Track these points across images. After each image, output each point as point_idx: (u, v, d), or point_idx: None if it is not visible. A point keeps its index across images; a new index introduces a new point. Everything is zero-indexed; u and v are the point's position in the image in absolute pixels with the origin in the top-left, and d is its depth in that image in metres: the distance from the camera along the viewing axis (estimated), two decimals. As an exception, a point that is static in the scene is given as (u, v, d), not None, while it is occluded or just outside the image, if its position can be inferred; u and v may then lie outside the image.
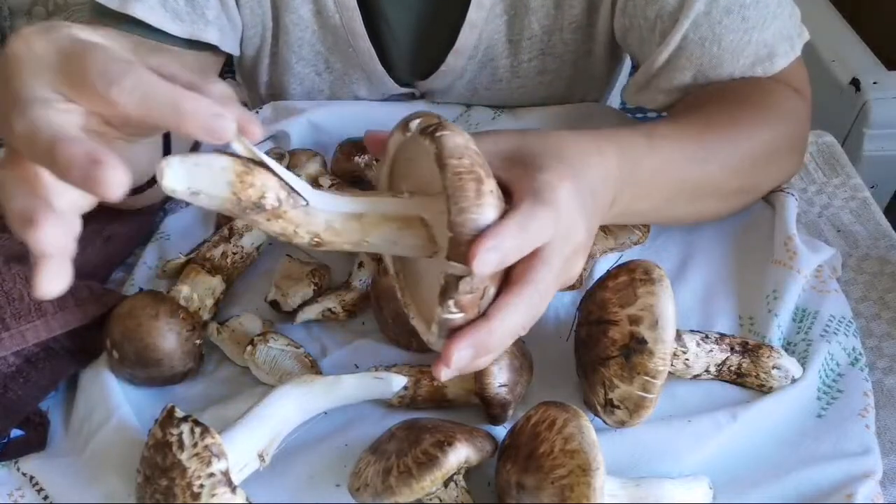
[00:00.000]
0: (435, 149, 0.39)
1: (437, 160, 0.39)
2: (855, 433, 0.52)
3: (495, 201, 0.40)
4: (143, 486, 0.44)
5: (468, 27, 0.75)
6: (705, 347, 0.53)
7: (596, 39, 0.76)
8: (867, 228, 0.69)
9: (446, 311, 0.40)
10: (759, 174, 0.64)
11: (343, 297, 0.61)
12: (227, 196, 0.37)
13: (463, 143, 0.40)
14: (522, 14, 0.74)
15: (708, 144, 0.58)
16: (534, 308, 0.42)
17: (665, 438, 0.51)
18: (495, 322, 0.41)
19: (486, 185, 0.40)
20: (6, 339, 0.52)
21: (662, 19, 0.65)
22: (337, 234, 0.41)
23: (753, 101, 0.63)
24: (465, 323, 0.41)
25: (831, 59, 1.41)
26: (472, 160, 0.40)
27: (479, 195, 0.39)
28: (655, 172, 0.54)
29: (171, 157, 0.36)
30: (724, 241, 0.66)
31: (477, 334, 0.41)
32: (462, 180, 0.39)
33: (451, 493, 0.46)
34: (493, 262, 0.39)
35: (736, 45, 0.63)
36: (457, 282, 0.39)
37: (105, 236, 0.66)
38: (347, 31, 0.76)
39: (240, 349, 0.57)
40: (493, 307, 0.41)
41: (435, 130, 0.40)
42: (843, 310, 0.59)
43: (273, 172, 0.39)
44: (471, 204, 0.39)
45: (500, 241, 0.39)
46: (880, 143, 1.35)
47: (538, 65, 0.78)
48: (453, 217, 0.39)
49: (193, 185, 0.37)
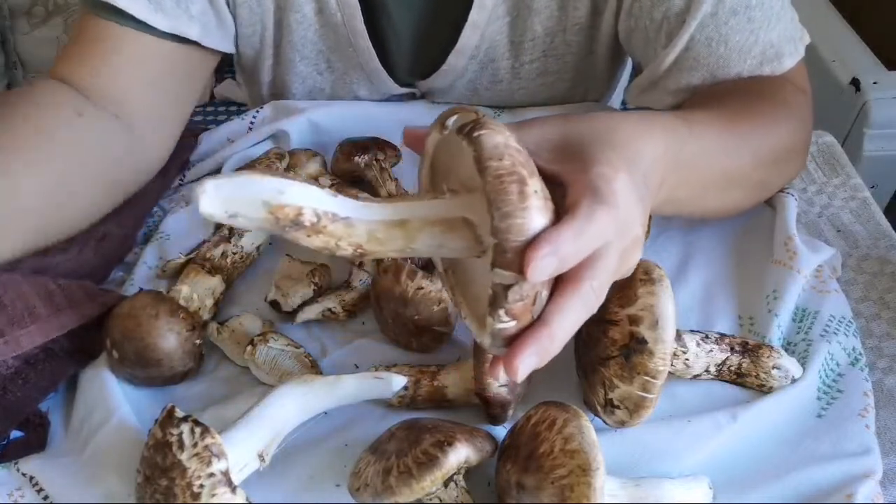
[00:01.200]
0: (473, 150, 0.38)
1: (477, 162, 0.37)
2: (855, 433, 0.52)
3: (540, 203, 0.38)
4: (143, 486, 0.44)
5: (470, 27, 0.75)
6: (705, 347, 0.53)
7: (599, 41, 0.76)
8: (867, 228, 0.69)
9: (498, 321, 0.38)
10: (780, 167, 0.64)
11: (343, 297, 0.61)
12: (265, 216, 0.37)
13: (503, 141, 0.38)
14: (525, 15, 0.74)
15: (740, 134, 0.58)
16: (590, 306, 0.40)
17: (665, 438, 0.51)
18: (555, 326, 0.39)
19: (530, 187, 0.37)
20: (1, 346, 0.52)
21: (669, 20, 0.65)
22: (380, 243, 0.40)
23: (771, 97, 0.63)
24: (520, 330, 0.39)
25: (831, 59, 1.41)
26: (513, 160, 0.37)
27: (523, 198, 0.37)
28: (695, 158, 0.53)
29: (206, 182, 0.37)
30: (724, 242, 0.66)
31: (539, 342, 0.39)
32: (503, 183, 0.37)
33: (451, 493, 0.46)
34: (549, 270, 0.37)
35: (742, 45, 0.63)
36: (505, 291, 0.37)
37: (99, 237, 0.66)
38: (348, 29, 0.76)
39: (240, 349, 0.57)
40: (550, 311, 0.39)
41: (473, 129, 0.38)
42: (843, 310, 0.59)
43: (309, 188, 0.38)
44: (515, 208, 0.37)
45: (557, 246, 0.37)
46: (880, 143, 1.34)
47: (540, 66, 0.78)
48: (497, 223, 0.37)
49: (230, 209, 0.37)
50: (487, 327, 0.39)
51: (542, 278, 0.37)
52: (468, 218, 0.41)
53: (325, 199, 0.39)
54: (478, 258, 0.42)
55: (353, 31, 0.76)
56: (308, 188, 0.38)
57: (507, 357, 0.39)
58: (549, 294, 0.39)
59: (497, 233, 0.37)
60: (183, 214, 0.71)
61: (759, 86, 0.64)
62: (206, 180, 0.37)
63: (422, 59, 0.79)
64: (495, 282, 0.37)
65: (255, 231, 0.63)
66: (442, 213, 0.41)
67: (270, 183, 0.37)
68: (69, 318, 0.55)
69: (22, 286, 0.55)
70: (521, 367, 0.39)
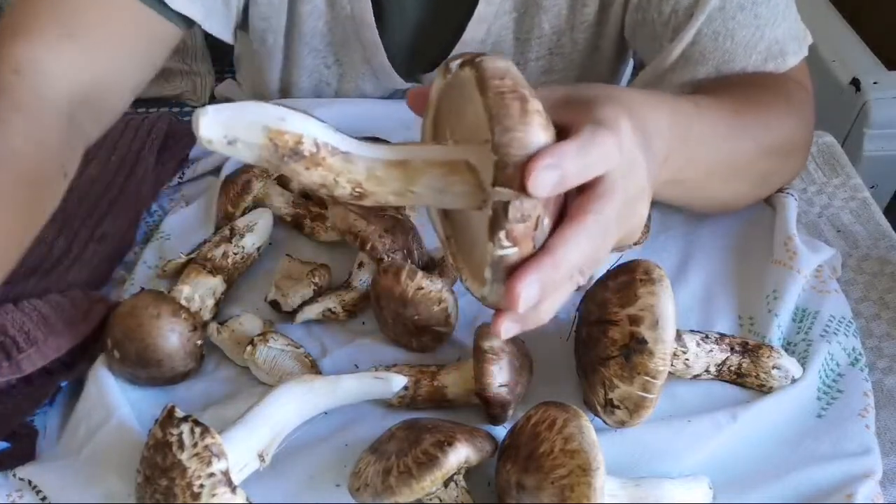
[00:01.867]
0: (475, 73, 0.37)
1: (478, 83, 0.37)
2: (855, 433, 0.52)
3: (543, 121, 0.37)
4: (143, 486, 0.44)
5: (476, 21, 0.75)
6: (705, 347, 0.53)
7: (605, 37, 0.76)
8: (867, 228, 0.69)
9: (498, 245, 0.36)
10: (782, 161, 0.64)
11: (343, 297, 0.61)
12: (264, 143, 0.37)
13: (504, 65, 0.37)
14: (533, 12, 0.74)
15: (745, 121, 0.58)
16: (596, 244, 0.38)
17: (665, 438, 0.51)
18: (559, 254, 0.37)
19: (532, 105, 0.36)
20: (4, 368, 0.53)
21: (677, 14, 0.65)
22: (380, 182, 0.39)
23: (774, 91, 0.63)
24: (522, 260, 0.37)
25: (831, 59, 1.41)
26: (514, 81, 0.37)
27: (525, 114, 0.36)
28: (702, 139, 0.52)
29: (207, 107, 0.36)
30: (724, 241, 0.66)
31: (541, 268, 0.37)
32: (505, 99, 0.36)
33: (451, 493, 0.46)
34: (550, 183, 0.35)
35: (748, 40, 0.64)
36: (505, 209, 0.36)
37: (97, 237, 0.66)
38: (357, 22, 0.76)
39: (240, 349, 0.57)
40: (553, 240, 0.37)
41: (475, 59, 0.38)
42: (843, 310, 0.59)
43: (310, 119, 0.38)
44: (516, 123, 0.36)
45: (559, 159, 0.35)
46: (880, 143, 1.35)
47: (545, 64, 0.79)
48: (497, 138, 0.36)
49: (230, 134, 0.37)
50: (487, 257, 0.37)
51: (544, 193, 0.35)
52: (471, 162, 0.40)
53: (326, 132, 0.38)
54: (479, 210, 0.41)
55: (361, 24, 0.76)
56: (310, 119, 0.38)
57: (509, 286, 0.37)
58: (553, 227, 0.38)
59: (498, 147, 0.36)
60: (183, 214, 0.71)
61: (762, 81, 0.65)
62: (208, 106, 0.37)
63: (427, 53, 0.79)
64: (495, 200, 0.36)
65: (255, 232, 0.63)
66: (445, 155, 0.40)
67: (272, 109, 0.37)
68: (65, 340, 0.56)
69: (15, 314, 0.55)
70: (523, 295, 0.36)
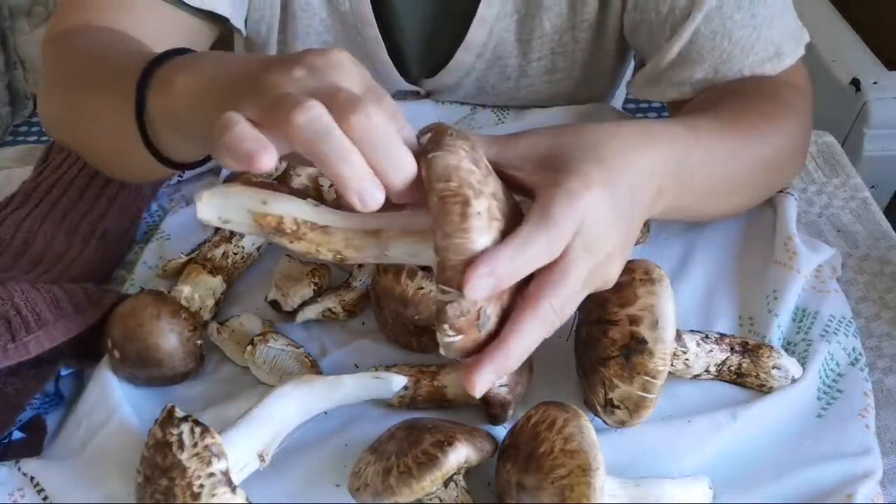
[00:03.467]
0: (425, 171, 0.40)
1: (426, 183, 0.39)
2: (855, 433, 0.52)
3: (483, 224, 0.39)
4: (143, 486, 0.44)
5: (478, 22, 0.75)
6: (705, 347, 0.53)
7: (607, 35, 0.76)
8: (867, 228, 0.69)
9: (444, 334, 0.40)
10: (782, 169, 0.65)
11: (343, 297, 0.61)
12: (251, 223, 0.42)
13: (454, 163, 0.39)
14: (534, 13, 0.74)
15: (744, 138, 0.58)
16: (550, 325, 0.42)
17: (665, 438, 0.51)
18: (511, 345, 0.41)
19: (473, 208, 0.39)
20: (11, 350, 0.53)
21: (675, 13, 0.65)
22: (357, 248, 0.43)
23: (773, 97, 0.63)
24: (473, 344, 0.41)
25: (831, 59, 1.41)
26: (460, 181, 0.39)
27: (464, 219, 0.39)
28: (700, 165, 0.53)
29: (204, 192, 0.42)
30: (724, 241, 0.66)
31: (495, 361, 0.41)
32: (446, 204, 0.39)
33: (451, 493, 0.46)
34: (486, 288, 0.38)
35: (746, 40, 0.64)
36: (445, 307, 0.39)
37: (98, 235, 0.66)
38: (356, 17, 0.76)
39: (240, 349, 0.57)
40: (508, 331, 0.41)
41: (430, 150, 0.40)
42: (843, 310, 0.59)
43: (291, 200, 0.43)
44: (455, 228, 0.39)
45: (492, 266, 0.38)
46: (880, 143, 1.35)
47: (548, 64, 0.78)
48: (438, 241, 0.39)
49: (223, 216, 0.42)
50: (438, 339, 0.41)
51: (481, 296, 0.39)
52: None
53: (304, 209, 0.43)
54: None
55: (360, 20, 0.76)
56: (290, 200, 0.43)
57: (466, 375, 0.41)
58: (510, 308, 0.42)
59: (438, 251, 0.39)
60: (183, 214, 0.71)
61: (760, 85, 0.64)
62: (203, 191, 0.42)
63: (429, 54, 0.79)
64: (438, 298, 0.40)
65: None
66: (415, 224, 0.43)
67: (255, 194, 0.42)
68: (74, 324, 0.55)
69: (31, 293, 0.55)
70: (479, 385, 0.41)
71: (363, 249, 0.44)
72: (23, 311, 0.54)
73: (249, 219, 0.42)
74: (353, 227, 0.43)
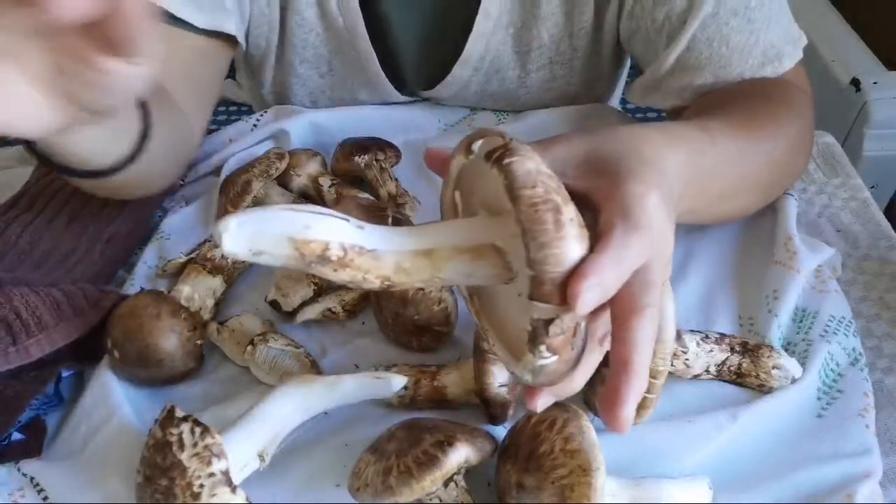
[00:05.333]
0: (504, 179, 0.36)
1: (508, 191, 0.36)
2: (855, 433, 0.52)
3: (576, 231, 0.36)
4: (143, 486, 0.44)
5: (475, 37, 0.75)
6: (705, 347, 0.53)
7: (604, 43, 0.76)
8: (867, 228, 0.69)
9: (539, 357, 0.36)
10: (789, 169, 0.64)
11: (343, 297, 0.61)
12: (290, 253, 0.36)
13: (535, 167, 0.36)
14: (531, 24, 0.74)
15: (754, 138, 0.58)
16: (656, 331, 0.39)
17: (665, 438, 0.51)
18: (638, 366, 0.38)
19: (565, 215, 0.35)
20: (12, 354, 0.53)
21: (671, 20, 0.65)
22: (407, 273, 0.39)
23: (777, 99, 0.63)
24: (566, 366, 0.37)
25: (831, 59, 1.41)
26: (546, 187, 0.36)
27: (559, 227, 0.35)
28: (715, 167, 0.52)
29: (228, 219, 0.34)
30: (724, 241, 0.66)
31: (633, 389, 0.38)
32: (538, 212, 0.35)
33: (451, 493, 0.46)
34: (594, 301, 0.35)
35: (743, 45, 0.63)
36: (546, 325, 0.35)
37: (105, 239, 0.66)
38: (350, 33, 0.76)
39: (240, 349, 0.57)
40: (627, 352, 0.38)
41: (502, 156, 0.36)
42: (843, 310, 0.59)
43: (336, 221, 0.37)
44: (551, 238, 0.35)
45: (600, 276, 0.35)
46: (880, 143, 1.35)
47: (546, 73, 0.78)
48: (533, 254, 0.35)
49: (255, 247, 0.35)
50: (527, 364, 0.37)
51: (588, 310, 0.35)
52: (497, 245, 0.40)
53: (351, 233, 0.37)
54: (507, 285, 0.40)
55: (354, 35, 0.76)
56: (335, 221, 0.37)
57: (612, 414, 0.38)
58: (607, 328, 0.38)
59: (534, 264, 0.35)
60: (183, 214, 0.71)
61: (763, 88, 0.64)
62: (229, 217, 0.34)
63: (426, 68, 0.79)
64: (534, 316, 0.36)
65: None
66: (470, 239, 0.40)
67: (297, 218, 0.36)
68: (74, 327, 0.55)
69: (31, 296, 0.55)
70: (627, 419, 0.38)
71: (414, 273, 0.39)
72: (23, 315, 0.54)
73: (289, 248, 0.35)
74: (402, 248, 0.38)
